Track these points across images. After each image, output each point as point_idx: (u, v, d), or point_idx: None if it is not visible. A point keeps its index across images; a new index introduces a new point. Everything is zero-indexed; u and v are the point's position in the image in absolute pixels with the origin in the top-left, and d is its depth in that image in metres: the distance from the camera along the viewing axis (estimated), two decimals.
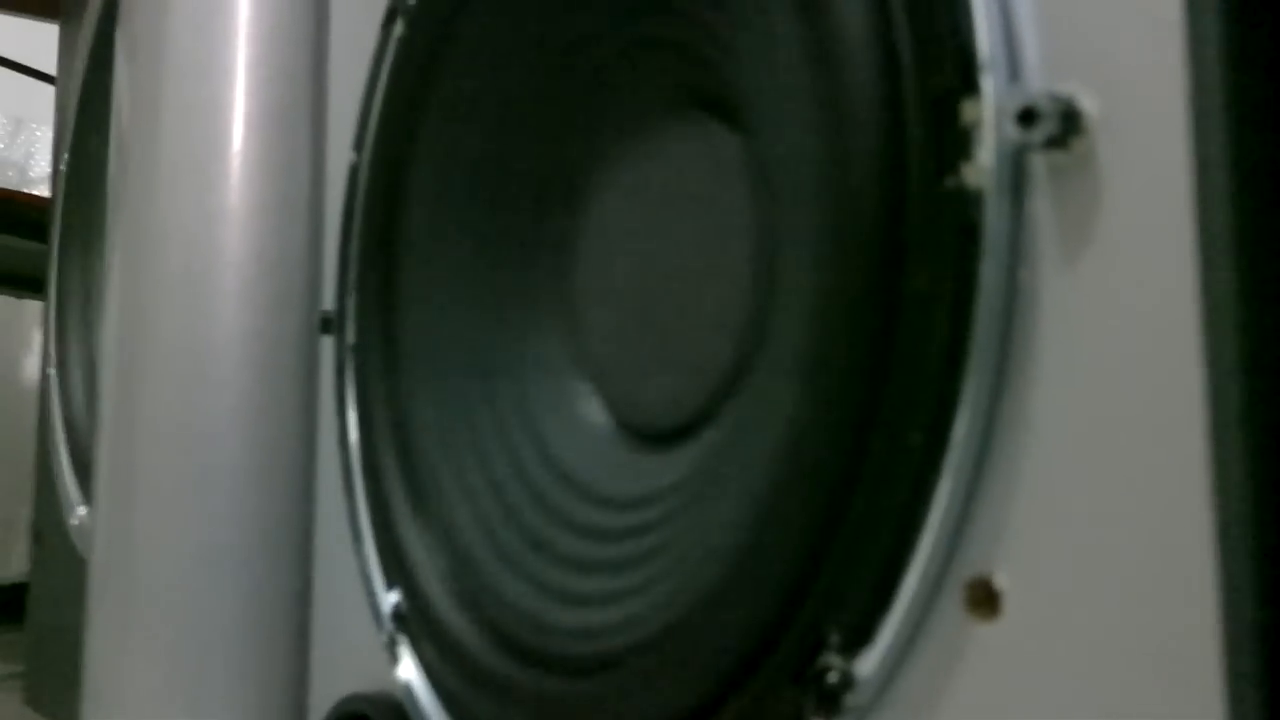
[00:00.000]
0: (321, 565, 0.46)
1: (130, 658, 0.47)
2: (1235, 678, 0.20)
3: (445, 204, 0.41)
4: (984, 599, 0.23)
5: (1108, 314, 0.22)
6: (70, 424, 0.76)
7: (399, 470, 0.40)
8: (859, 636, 0.25)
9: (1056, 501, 0.22)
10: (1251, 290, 0.20)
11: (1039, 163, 0.23)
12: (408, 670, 0.38)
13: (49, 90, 1.22)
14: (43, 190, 1.32)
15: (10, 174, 1.38)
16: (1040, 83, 0.23)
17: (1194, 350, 0.20)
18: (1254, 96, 0.20)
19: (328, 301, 0.47)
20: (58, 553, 0.76)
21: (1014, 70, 0.23)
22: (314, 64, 0.50)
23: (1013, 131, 0.22)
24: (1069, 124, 0.22)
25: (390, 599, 0.40)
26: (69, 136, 0.80)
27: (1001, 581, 0.23)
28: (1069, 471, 0.22)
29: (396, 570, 0.39)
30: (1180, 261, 0.21)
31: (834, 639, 0.25)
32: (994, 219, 0.23)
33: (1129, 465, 0.21)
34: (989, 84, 0.23)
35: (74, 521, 0.74)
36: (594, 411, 0.38)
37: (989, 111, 0.23)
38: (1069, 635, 0.22)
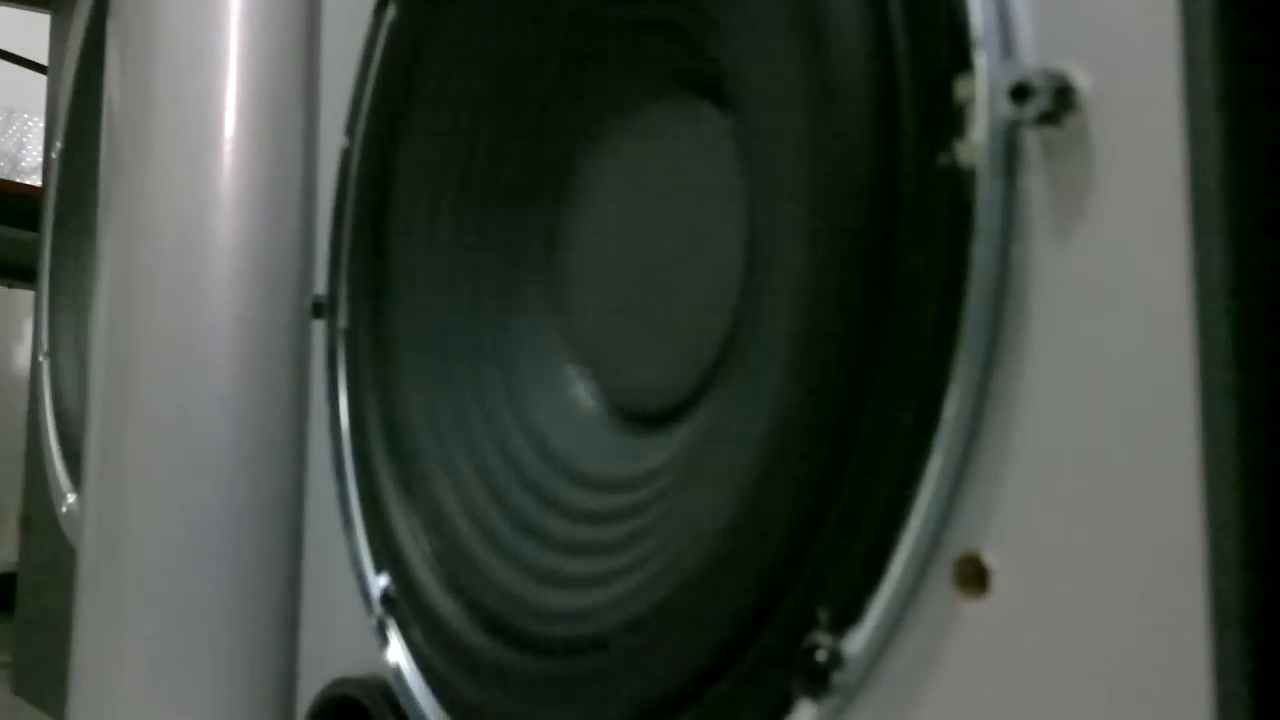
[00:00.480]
0: (311, 550, 0.46)
1: (119, 644, 0.47)
2: (1223, 654, 0.20)
3: (437, 187, 0.41)
4: (973, 576, 0.23)
5: (1100, 291, 0.22)
6: (60, 412, 0.76)
7: (389, 454, 0.40)
8: (848, 615, 0.25)
9: (1046, 479, 0.22)
10: (1244, 267, 0.20)
11: (1032, 139, 0.23)
12: (396, 653, 0.38)
13: (41, 80, 1.22)
14: (34, 180, 1.31)
15: (2, 164, 1.37)
16: (1034, 59, 0.23)
17: (1186, 327, 0.20)
18: (1247, 73, 0.20)
19: (320, 286, 0.47)
20: (47, 541, 0.76)
21: (1007, 46, 0.23)
22: (306, 49, 0.50)
23: (1006, 108, 0.22)
24: (1062, 100, 0.22)
25: (380, 582, 0.40)
26: (61, 125, 0.80)
27: (990, 559, 0.23)
28: (1059, 449, 0.22)
29: (386, 554, 0.39)
30: (1173, 237, 0.21)
31: (822, 617, 0.25)
32: (987, 196, 0.23)
33: (1119, 443, 0.21)
34: (982, 60, 0.23)
35: (63, 509, 0.74)
36: (583, 395, 0.38)
37: (982, 88, 0.23)
38: (1057, 612, 0.22)
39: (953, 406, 0.23)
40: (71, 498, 0.74)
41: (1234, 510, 0.20)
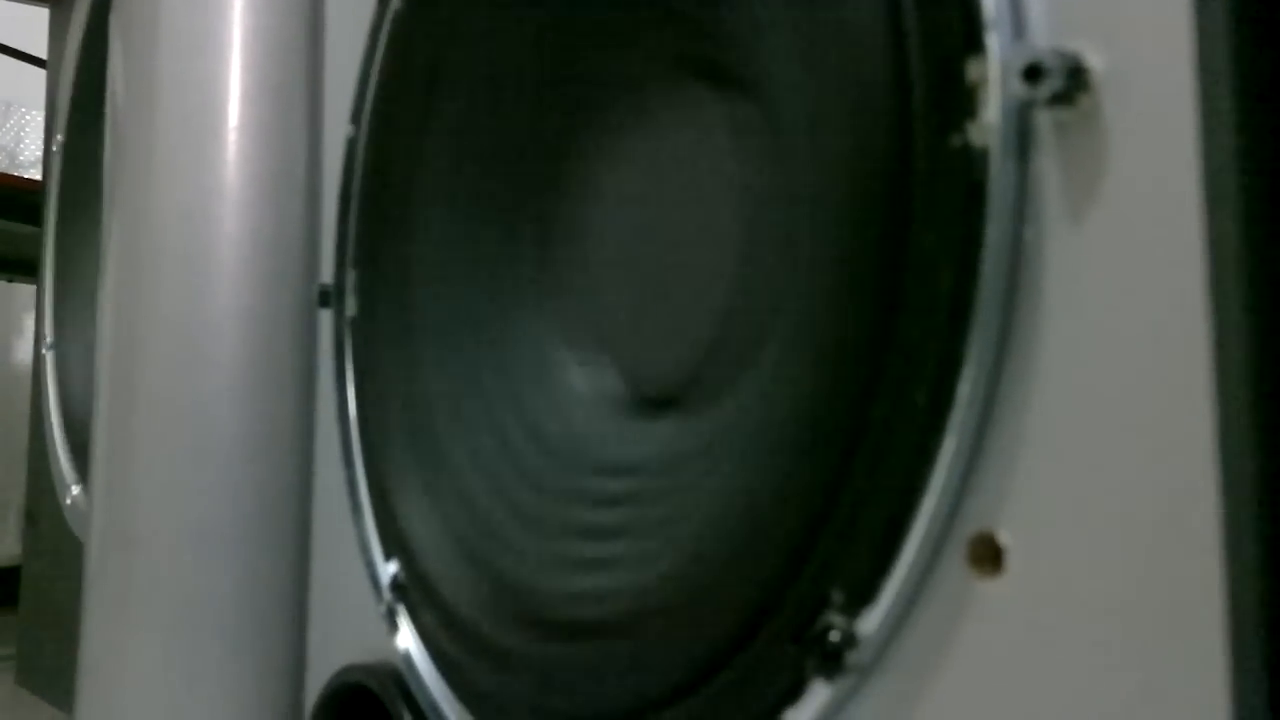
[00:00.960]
0: (320, 538, 0.46)
1: (128, 634, 0.47)
2: (1240, 632, 0.20)
3: (445, 175, 0.41)
4: (987, 555, 0.23)
5: (1113, 271, 0.22)
6: (65, 405, 0.76)
7: (399, 442, 0.40)
8: (862, 595, 0.25)
9: (1060, 459, 0.22)
10: (1258, 247, 0.20)
11: (1044, 120, 0.23)
12: (406, 639, 0.38)
13: (38, 74, 1.22)
14: (32, 173, 1.31)
15: (0, 157, 1.37)
16: (1046, 39, 0.23)
17: (1199, 307, 0.21)
18: (1261, 52, 0.20)
19: (326, 275, 0.47)
20: (51, 534, 0.76)
21: (1019, 27, 0.23)
22: (310, 37, 0.50)
23: (1018, 88, 0.22)
24: (1075, 80, 0.22)
25: (389, 569, 0.40)
26: (61, 118, 0.80)
27: (1005, 538, 0.23)
28: (1073, 429, 0.22)
29: (395, 541, 0.39)
30: (1186, 217, 0.21)
31: (836, 598, 0.25)
32: (999, 177, 0.23)
33: (1133, 422, 0.21)
34: (994, 41, 0.23)
35: (68, 502, 0.74)
36: (592, 381, 0.38)
37: (994, 69, 0.23)
38: (1072, 591, 0.22)
39: (966, 387, 0.23)
40: (75, 490, 0.74)
41: (1250, 488, 0.20)
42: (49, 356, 0.78)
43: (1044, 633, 0.22)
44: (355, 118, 0.45)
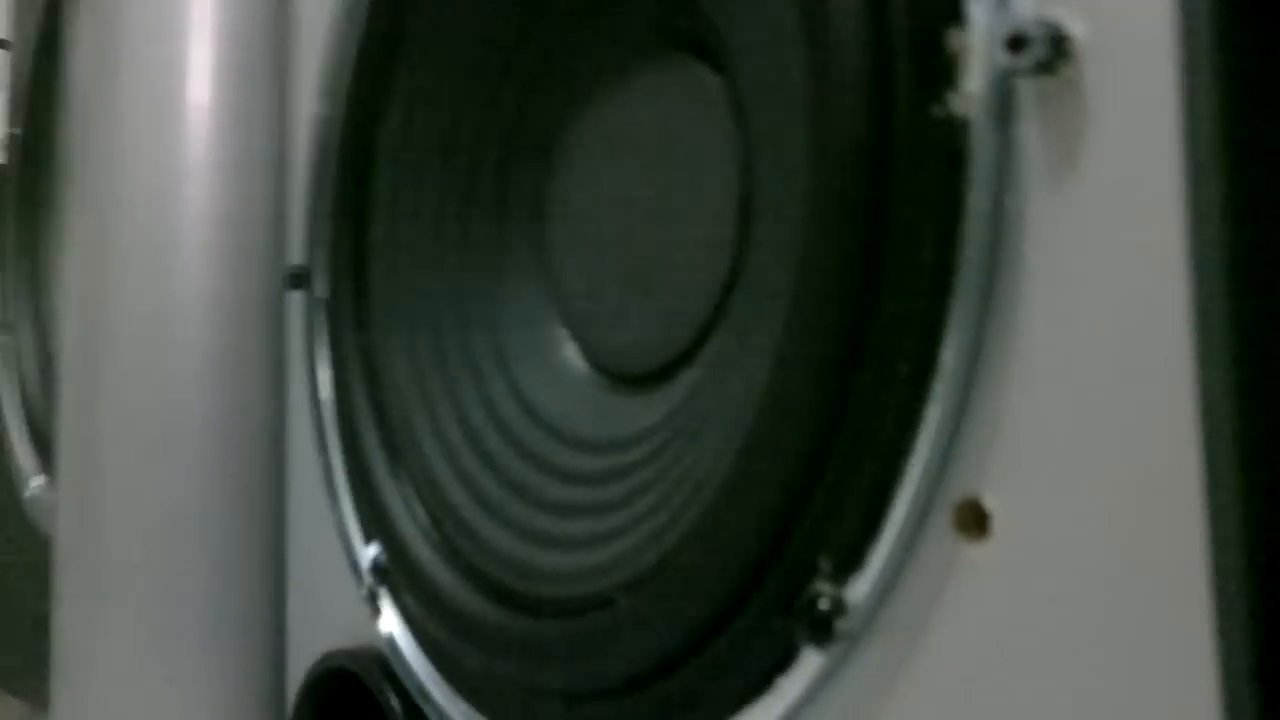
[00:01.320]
0: (296, 524, 0.46)
1: (101, 628, 0.47)
2: (1223, 593, 0.20)
3: (418, 153, 0.40)
4: (973, 520, 0.24)
5: (1094, 239, 0.22)
6: (24, 393, 0.75)
7: (375, 424, 0.40)
8: (850, 562, 0.25)
9: (1043, 423, 0.23)
10: (1238, 212, 0.21)
11: (1026, 89, 0.23)
12: (389, 623, 0.38)
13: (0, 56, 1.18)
14: None
15: None
16: (1029, 8, 0.23)
17: (1180, 273, 0.21)
18: (1241, 20, 0.21)
19: (294, 257, 0.47)
20: (12, 526, 0.75)
21: None
22: (277, 14, 0.49)
23: (1001, 57, 0.23)
24: (1057, 49, 0.22)
25: (369, 553, 0.40)
26: (23, 102, 0.78)
27: (990, 502, 0.23)
28: (1056, 394, 0.23)
29: (375, 524, 0.39)
30: (1166, 184, 0.21)
31: (824, 566, 0.25)
32: (981, 146, 0.23)
33: (1115, 386, 0.22)
34: (978, 11, 0.23)
35: (28, 494, 0.73)
36: (571, 358, 0.38)
37: (977, 38, 0.23)
38: (1057, 553, 0.22)
39: (950, 354, 0.24)
40: (35, 482, 0.73)
41: (1231, 450, 0.20)
42: (4, 342, 0.77)
43: (1030, 595, 0.23)
44: (325, 95, 0.44)
